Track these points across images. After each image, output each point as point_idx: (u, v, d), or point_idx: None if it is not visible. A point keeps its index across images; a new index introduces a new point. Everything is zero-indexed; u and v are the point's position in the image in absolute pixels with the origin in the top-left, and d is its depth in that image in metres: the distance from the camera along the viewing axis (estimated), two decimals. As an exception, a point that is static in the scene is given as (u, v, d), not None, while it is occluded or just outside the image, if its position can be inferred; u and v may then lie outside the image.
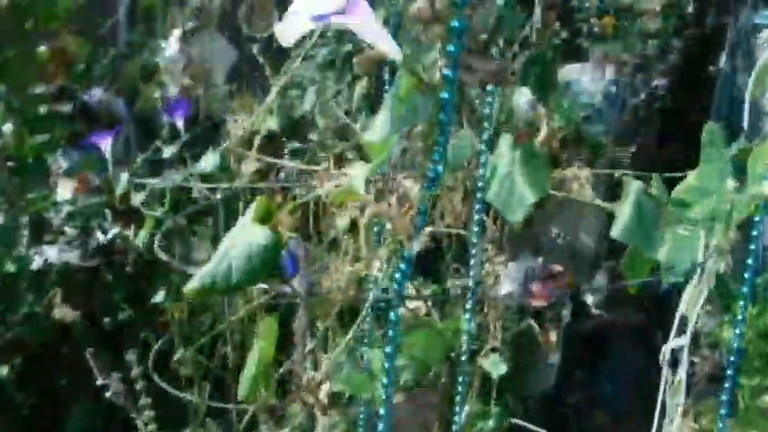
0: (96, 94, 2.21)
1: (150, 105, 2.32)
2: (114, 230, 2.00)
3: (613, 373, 2.65)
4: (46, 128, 1.94)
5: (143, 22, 2.67)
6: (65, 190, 2.09)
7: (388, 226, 0.65)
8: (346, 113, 2.36)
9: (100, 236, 2.11)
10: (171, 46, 2.41)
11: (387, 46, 0.62)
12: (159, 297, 1.52)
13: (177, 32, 2.38)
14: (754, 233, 0.79)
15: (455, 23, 0.58)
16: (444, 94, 0.59)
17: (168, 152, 1.41)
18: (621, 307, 2.73)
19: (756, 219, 0.79)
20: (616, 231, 0.94)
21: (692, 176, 0.94)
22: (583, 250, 2.87)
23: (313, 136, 1.55)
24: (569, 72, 2.60)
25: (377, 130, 0.62)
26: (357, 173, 0.69)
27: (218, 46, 2.48)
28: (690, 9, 2.83)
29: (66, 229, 2.12)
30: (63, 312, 2.09)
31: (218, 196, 1.09)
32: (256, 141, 1.19)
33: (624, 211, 0.94)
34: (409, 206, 0.62)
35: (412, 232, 0.59)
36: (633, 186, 0.95)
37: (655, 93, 2.76)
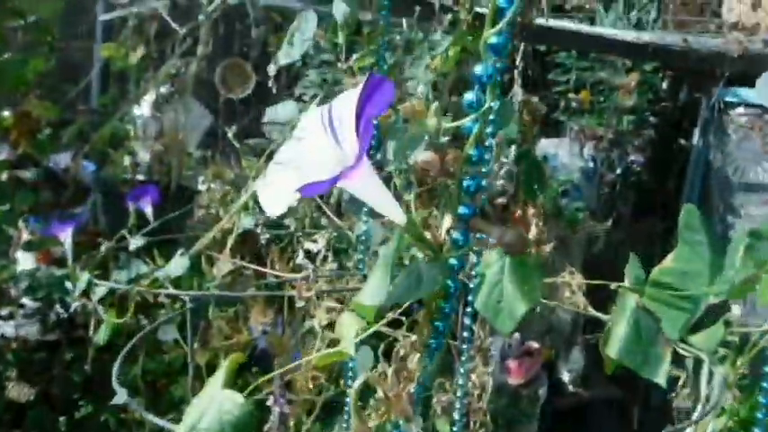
0: (63, 160, 2.14)
1: (120, 172, 2.25)
2: (76, 303, 1.91)
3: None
4: (6, 196, 1.86)
5: (115, 86, 2.62)
6: (26, 261, 2.00)
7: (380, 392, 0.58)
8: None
9: (60, 309, 2.02)
10: (143, 111, 2.36)
11: (390, 210, 0.58)
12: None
13: (150, 97, 2.33)
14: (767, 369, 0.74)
15: (469, 182, 0.54)
16: (453, 261, 0.54)
17: (134, 244, 1.33)
18: (599, 383, 2.68)
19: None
20: (611, 351, 0.88)
21: (670, 258, 0.88)
22: (560, 324, 2.82)
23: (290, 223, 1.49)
24: (546, 146, 2.60)
25: (369, 294, 0.56)
26: (347, 331, 0.63)
27: (192, 112, 2.43)
28: (664, 85, 2.86)
29: (26, 301, 2.02)
30: (18, 390, 1.98)
31: (188, 303, 1.01)
32: (230, 240, 1.13)
33: (619, 330, 0.87)
34: (407, 377, 0.56)
35: (409, 412, 0.53)
36: (628, 301, 0.90)
37: (630, 167, 2.77)
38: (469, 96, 0.58)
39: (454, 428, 1.01)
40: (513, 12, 0.58)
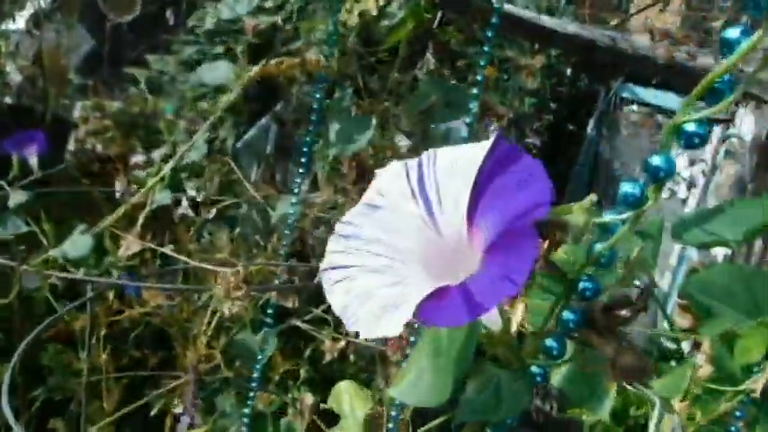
0: None
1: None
2: None
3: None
4: None
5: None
6: None
7: None
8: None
9: None
10: (18, 26, 2.08)
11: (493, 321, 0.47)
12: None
13: (27, 13, 2.06)
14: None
15: (586, 284, 0.44)
16: (536, 370, 0.45)
17: (13, 201, 1.15)
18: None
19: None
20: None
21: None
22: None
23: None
24: (453, 121, 2.55)
25: (414, 392, 0.46)
26: (351, 408, 0.53)
27: (73, 33, 2.18)
28: (568, 72, 2.88)
29: None
30: None
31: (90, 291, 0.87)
32: (141, 218, 0.99)
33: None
34: None
35: None
36: None
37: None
38: (628, 188, 0.48)
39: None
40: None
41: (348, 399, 0.63)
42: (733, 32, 0.41)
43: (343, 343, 1.15)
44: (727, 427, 0.73)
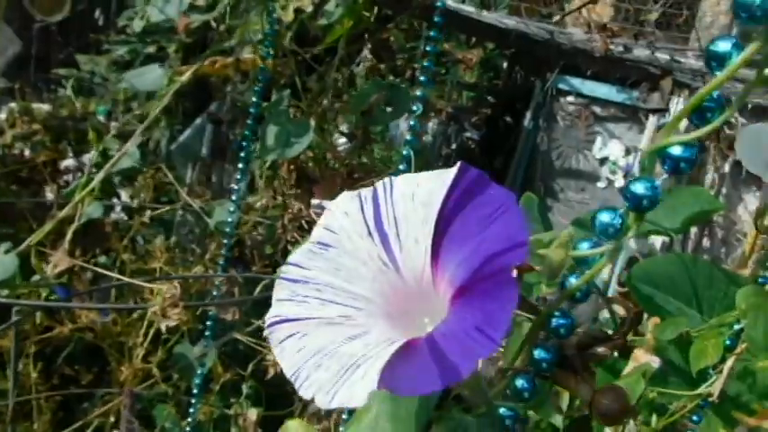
0: None
1: None
2: None
3: None
4: None
5: None
6: None
7: None
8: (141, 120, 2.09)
9: None
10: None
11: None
12: None
13: (-58, 12, 1.94)
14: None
15: (559, 322, 0.41)
16: (506, 413, 0.41)
17: None
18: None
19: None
20: None
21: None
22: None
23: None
24: (390, 116, 2.52)
25: None
26: None
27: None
28: (504, 65, 2.88)
29: None
30: None
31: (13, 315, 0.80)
32: (70, 233, 0.92)
33: None
34: None
35: None
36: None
37: (465, 144, 2.78)
38: (606, 218, 0.44)
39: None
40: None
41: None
42: (723, 45, 0.38)
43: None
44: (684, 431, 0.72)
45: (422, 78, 0.95)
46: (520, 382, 0.46)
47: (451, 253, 0.35)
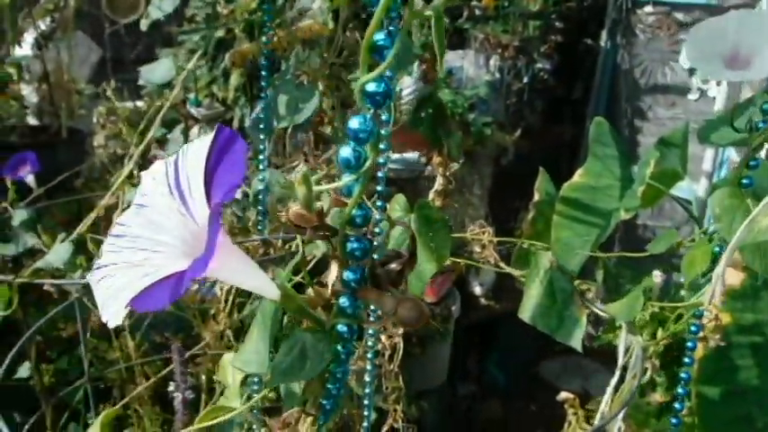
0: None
1: (7, 118, 2.13)
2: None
3: (503, 360, 2.67)
4: None
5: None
6: None
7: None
8: (223, 102, 2.24)
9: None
10: (25, 51, 2.21)
11: (262, 286, 0.50)
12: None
13: (29, 37, 2.19)
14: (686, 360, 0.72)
15: (354, 246, 0.48)
16: (342, 328, 0.50)
17: (18, 219, 1.25)
18: (510, 296, 2.74)
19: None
20: (525, 315, 0.82)
21: (580, 173, 0.87)
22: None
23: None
24: (451, 59, 2.55)
25: (244, 360, 0.51)
26: (231, 379, 0.58)
27: (78, 46, 2.29)
28: (569, -13, 2.81)
29: None
30: None
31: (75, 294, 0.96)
32: (116, 217, 1.07)
33: (533, 292, 0.83)
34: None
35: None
36: (542, 261, 0.84)
37: (538, 75, 2.75)
38: (345, 153, 0.49)
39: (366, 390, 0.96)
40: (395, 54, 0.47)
41: (232, 370, 0.69)
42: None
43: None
44: (685, 341, 0.74)
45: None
46: (342, 300, 0.54)
47: (216, 198, 0.44)
